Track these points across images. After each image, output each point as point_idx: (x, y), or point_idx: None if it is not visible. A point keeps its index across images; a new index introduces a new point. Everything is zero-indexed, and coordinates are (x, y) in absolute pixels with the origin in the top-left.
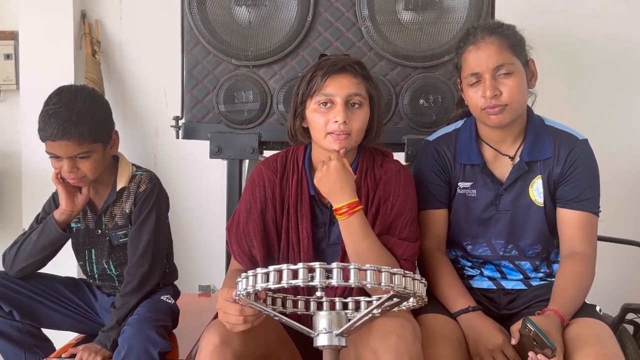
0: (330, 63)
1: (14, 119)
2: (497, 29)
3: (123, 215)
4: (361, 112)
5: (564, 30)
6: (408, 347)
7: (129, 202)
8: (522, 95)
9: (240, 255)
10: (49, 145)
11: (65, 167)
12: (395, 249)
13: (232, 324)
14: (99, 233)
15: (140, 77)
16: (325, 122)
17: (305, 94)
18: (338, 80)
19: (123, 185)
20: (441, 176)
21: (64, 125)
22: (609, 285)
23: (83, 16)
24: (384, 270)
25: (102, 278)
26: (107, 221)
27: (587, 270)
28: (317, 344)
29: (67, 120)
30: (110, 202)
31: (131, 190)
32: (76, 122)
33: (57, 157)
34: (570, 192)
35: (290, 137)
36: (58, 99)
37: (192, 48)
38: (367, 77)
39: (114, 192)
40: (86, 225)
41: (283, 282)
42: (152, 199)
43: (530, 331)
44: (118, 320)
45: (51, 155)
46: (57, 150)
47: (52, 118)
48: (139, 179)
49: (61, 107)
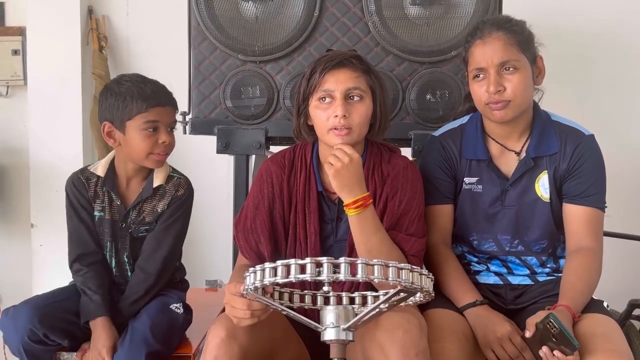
0: (327, 59)
1: (21, 114)
2: (505, 24)
3: (153, 213)
4: (362, 106)
5: (570, 26)
6: (414, 341)
7: (162, 202)
8: (526, 91)
9: (248, 251)
10: (153, 112)
11: (164, 136)
12: (403, 245)
13: (240, 318)
14: (122, 226)
15: (147, 73)
16: (326, 118)
17: (306, 92)
18: (336, 75)
19: (160, 183)
20: (447, 171)
21: (165, 90)
22: (616, 281)
23: (90, 12)
24: (392, 265)
25: (118, 270)
26: (134, 216)
27: (594, 265)
28: (325, 338)
29: (164, 87)
30: (144, 197)
31: (167, 191)
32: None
33: (154, 130)
34: (577, 188)
35: (295, 136)
36: (132, 76)
37: (199, 44)
38: (367, 70)
39: (150, 188)
40: (111, 216)
41: (291, 277)
42: (185, 205)
43: (553, 327)
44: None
45: (151, 125)
46: (162, 116)
47: (150, 85)
48: (178, 182)
49: (145, 79)
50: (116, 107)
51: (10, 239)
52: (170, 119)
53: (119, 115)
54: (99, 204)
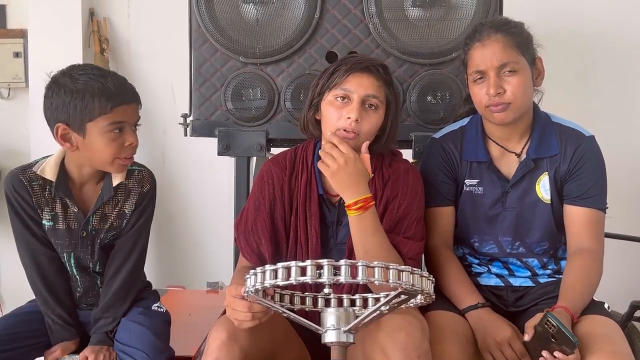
0: (356, 60)
1: (23, 116)
2: (503, 26)
3: (121, 216)
4: (375, 115)
5: (571, 27)
6: (416, 343)
7: (129, 202)
8: (526, 93)
9: (249, 252)
10: (118, 112)
11: (131, 137)
12: (401, 247)
13: (240, 320)
14: (83, 235)
15: (148, 75)
16: (337, 117)
17: (324, 86)
18: (359, 78)
19: (120, 181)
20: (448, 173)
21: (128, 84)
22: (617, 282)
23: (91, 14)
24: (392, 268)
25: (83, 280)
26: (96, 222)
27: (595, 266)
28: (325, 340)
29: (125, 80)
30: (105, 199)
31: (131, 188)
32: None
33: (119, 131)
34: (577, 189)
35: (302, 128)
36: (87, 68)
37: (200, 46)
38: (388, 82)
39: (109, 188)
40: (67, 225)
41: (291, 279)
42: (152, 200)
43: (551, 327)
44: (114, 320)
45: (116, 127)
46: (128, 115)
47: (111, 79)
48: (140, 176)
49: (104, 72)
50: (73, 106)
51: (11, 240)
52: (135, 117)
53: (77, 115)
54: (48, 213)
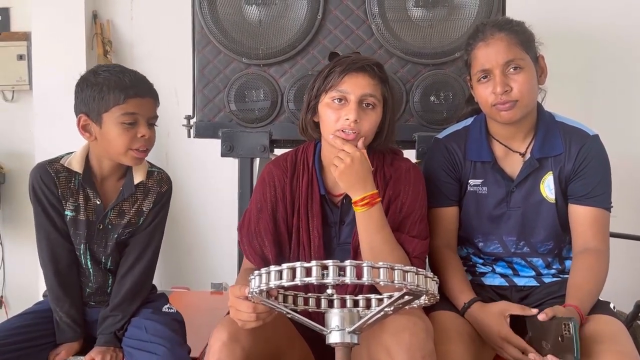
0: (350, 61)
1: (27, 119)
2: (506, 25)
3: (139, 214)
4: (373, 114)
5: (574, 26)
6: (420, 344)
7: (147, 200)
8: (532, 91)
9: (252, 254)
10: (131, 104)
11: (143, 129)
12: (406, 246)
13: (244, 321)
14: (100, 227)
15: (151, 77)
16: (336, 119)
17: (320, 88)
18: (355, 79)
19: (141, 180)
20: (451, 174)
21: (146, 80)
22: (623, 282)
23: (95, 16)
24: (397, 268)
25: (96, 274)
26: (113, 217)
27: (601, 265)
28: (330, 341)
29: (144, 77)
30: (125, 196)
31: (151, 188)
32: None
33: (132, 124)
34: (582, 188)
35: (301, 131)
36: (111, 66)
37: (203, 47)
38: (384, 80)
39: (131, 185)
40: (87, 217)
41: (296, 280)
42: (169, 202)
43: (566, 329)
44: (122, 318)
45: (129, 118)
46: (142, 108)
47: (129, 74)
48: (159, 177)
49: (125, 69)
50: (92, 98)
51: (16, 242)
52: (150, 112)
53: (95, 107)
54: (71, 203)
